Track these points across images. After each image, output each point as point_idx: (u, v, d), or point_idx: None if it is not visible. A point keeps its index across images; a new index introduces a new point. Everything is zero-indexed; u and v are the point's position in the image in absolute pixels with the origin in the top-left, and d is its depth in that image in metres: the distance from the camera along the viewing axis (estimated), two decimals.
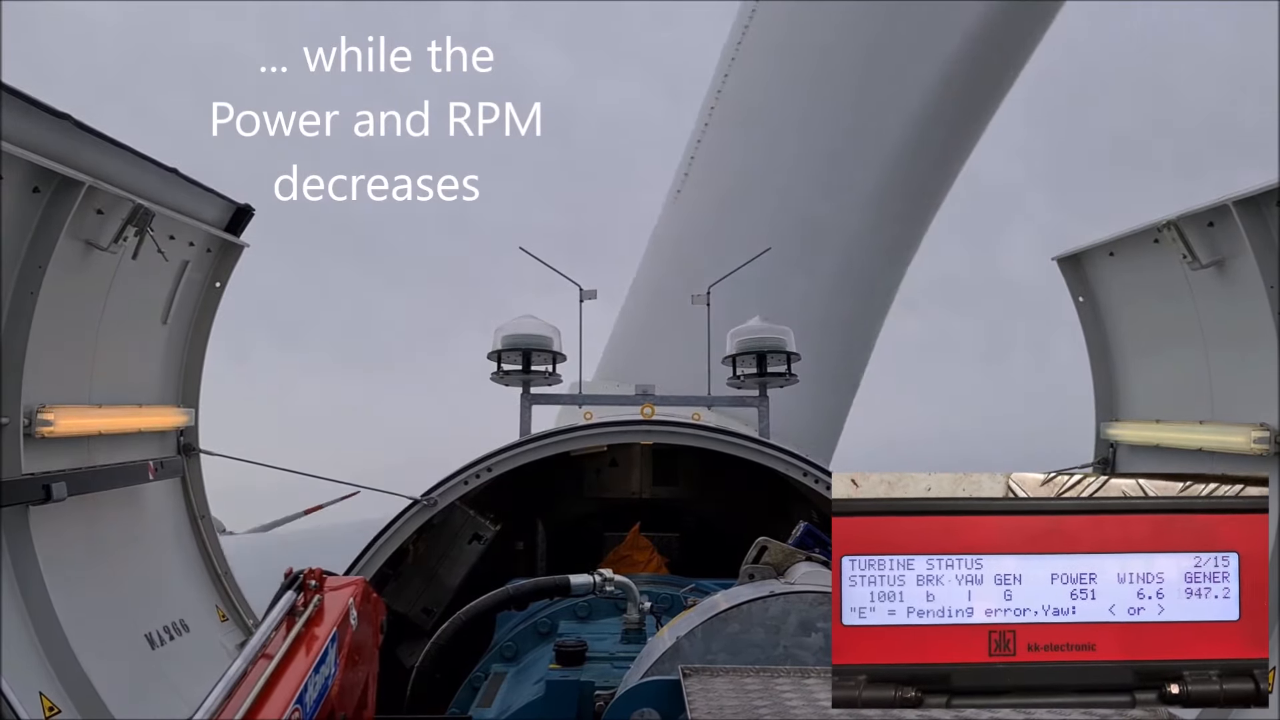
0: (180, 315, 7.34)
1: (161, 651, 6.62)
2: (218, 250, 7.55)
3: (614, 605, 6.93)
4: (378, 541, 8.00)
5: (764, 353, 9.50)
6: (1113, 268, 7.20)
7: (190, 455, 7.73)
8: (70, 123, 5.44)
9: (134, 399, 6.89)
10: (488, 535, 9.16)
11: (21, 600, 5.51)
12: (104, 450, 6.45)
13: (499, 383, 9.63)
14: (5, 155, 5.01)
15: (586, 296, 9.69)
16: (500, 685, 6.16)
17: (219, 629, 7.69)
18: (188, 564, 7.73)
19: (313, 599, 4.00)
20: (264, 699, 3.19)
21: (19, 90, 5.01)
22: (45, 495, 5.53)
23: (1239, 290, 5.77)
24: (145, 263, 6.35)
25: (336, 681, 3.94)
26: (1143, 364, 7.24)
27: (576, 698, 5.00)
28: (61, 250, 5.56)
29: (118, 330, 6.51)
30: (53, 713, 5.42)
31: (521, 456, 8.26)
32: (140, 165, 6.20)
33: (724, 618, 4.56)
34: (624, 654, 5.83)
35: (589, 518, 10.92)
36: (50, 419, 5.70)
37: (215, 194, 7.19)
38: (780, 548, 5.56)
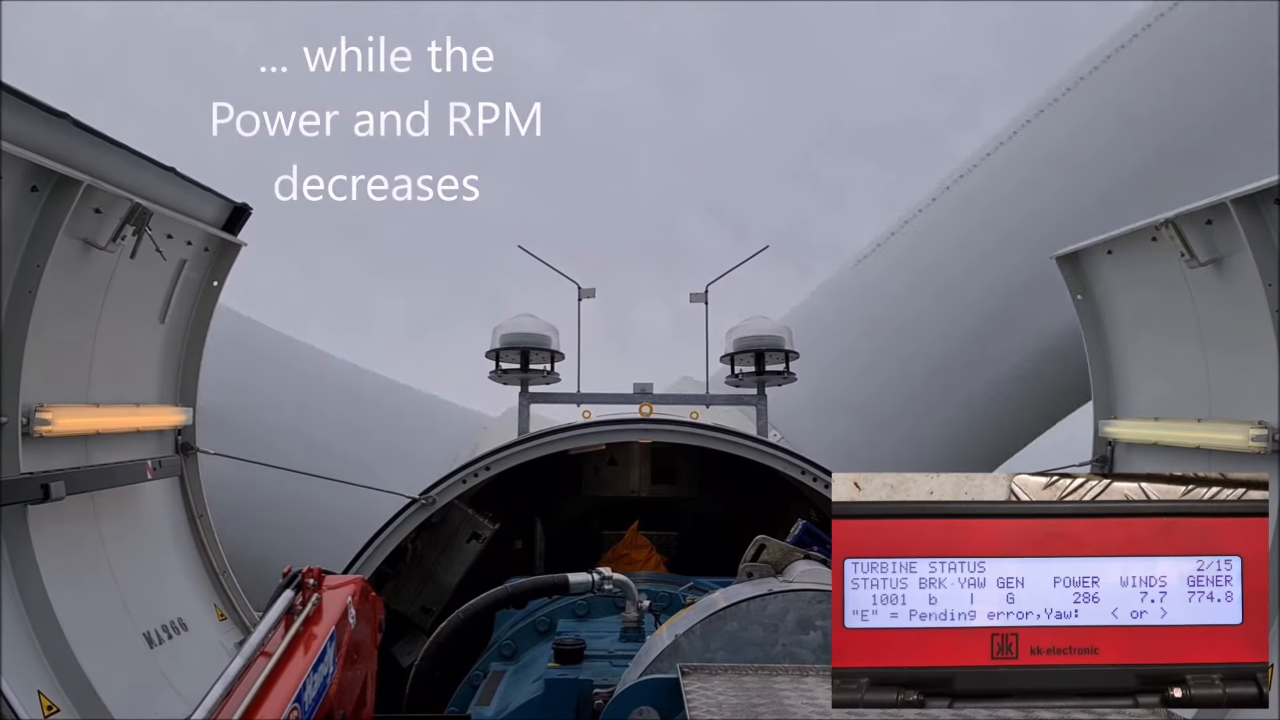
0: (178, 314, 7.32)
1: (160, 650, 6.61)
2: (216, 249, 7.53)
3: (612, 604, 6.93)
4: (376, 540, 8.00)
5: (762, 351, 9.50)
6: (1111, 266, 7.21)
7: (188, 454, 7.72)
8: (68, 121, 5.42)
9: (132, 398, 6.88)
10: (486, 534, 9.17)
11: (20, 599, 5.50)
12: (102, 449, 6.44)
13: (497, 381, 9.63)
14: (4, 154, 4.99)
15: (585, 295, 9.68)
16: (499, 683, 6.17)
17: (217, 628, 7.68)
18: (186, 563, 7.72)
19: (311, 597, 4.00)
20: (262, 698, 3.19)
21: (17, 89, 5.00)
22: (44, 494, 5.51)
23: (1237, 288, 5.77)
24: (143, 262, 6.33)
25: (335, 680, 3.94)
26: (1141, 362, 7.24)
27: (575, 696, 5.00)
28: (60, 249, 5.54)
29: (116, 329, 6.49)
30: (51, 712, 5.41)
31: (520, 455, 8.27)
32: (138, 164, 6.18)
33: (722, 616, 4.56)
34: (622, 652, 5.84)
35: (587, 516, 10.93)
36: (48, 418, 5.68)
37: (213, 193, 7.18)
38: (779, 546, 5.56)
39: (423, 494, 8.12)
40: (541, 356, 9.47)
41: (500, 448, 8.37)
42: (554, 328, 9.49)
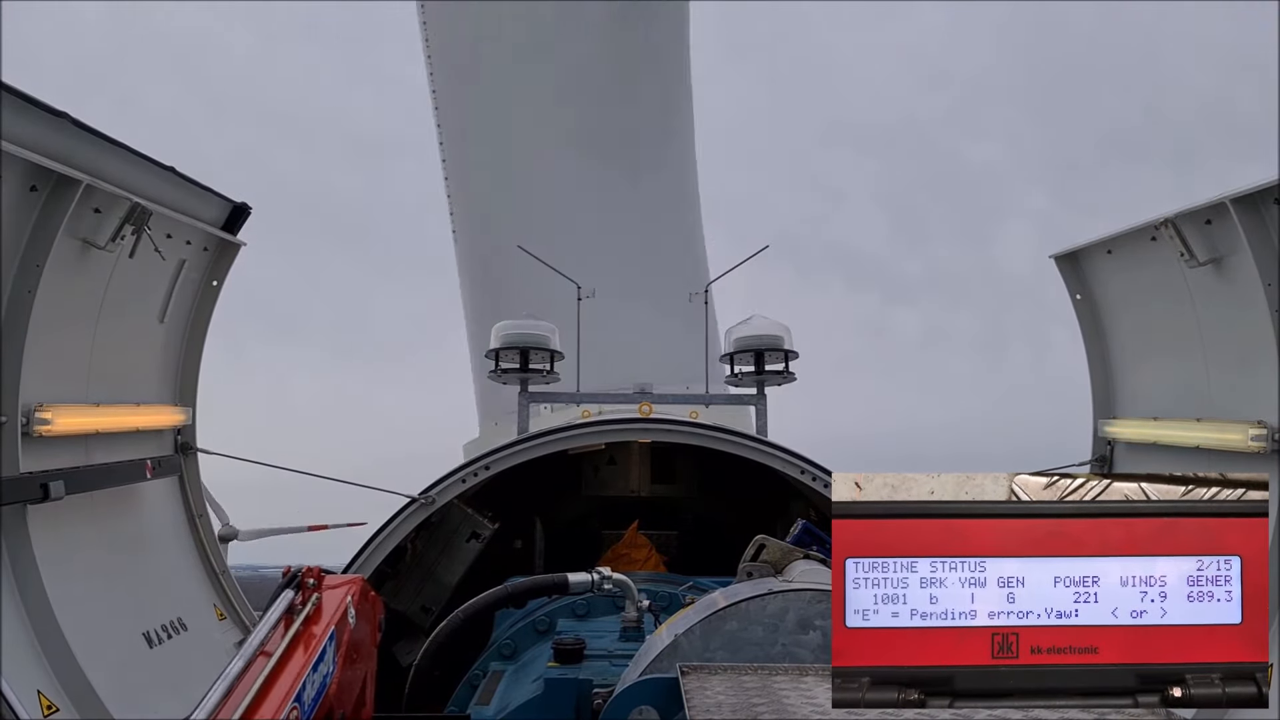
0: (177, 314, 7.33)
1: (159, 650, 6.62)
2: (215, 249, 7.53)
3: (612, 603, 6.94)
4: (376, 539, 8.01)
5: (762, 351, 9.51)
6: (1110, 266, 7.21)
7: (188, 454, 7.73)
8: (68, 121, 5.43)
9: (131, 398, 6.88)
10: (486, 533, 9.18)
11: (19, 599, 5.50)
12: (102, 449, 6.45)
13: (496, 381, 9.63)
14: (3, 154, 5.00)
15: (584, 295, 9.69)
16: (498, 683, 6.17)
17: (217, 628, 7.68)
18: (186, 563, 7.73)
19: (311, 597, 4.00)
20: (262, 697, 3.19)
21: (17, 89, 5.00)
22: (43, 494, 5.52)
23: (1237, 288, 5.78)
24: (143, 261, 6.34)
25: (335, 680, 3.94)
26: (1140, 362, 7.25)
27: (575, 696, 4.99)
28: (59, 249, 5.55)
29: (115, 329, 6.50)
30: (51, 711, 5.41)
31: (519, 454, 8.27)
32: (138, 164, 6.19)
33: (722, 615, 4.56)
34: (622, 652, 5.84)
35: (587, 516, 10.93)
36: (48, 418, 5.69)
37: (213, 193, 7.18)
38: (778, 545, 5.56)
39: (422, 493, 8.13)
40: (541, 356, 9.47)
41: (500, 447, 8.38)
42: (553, 327, 9.49)
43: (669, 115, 14.47)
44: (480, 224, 14.67)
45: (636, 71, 13.94)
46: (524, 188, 13.99)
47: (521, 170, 13.99)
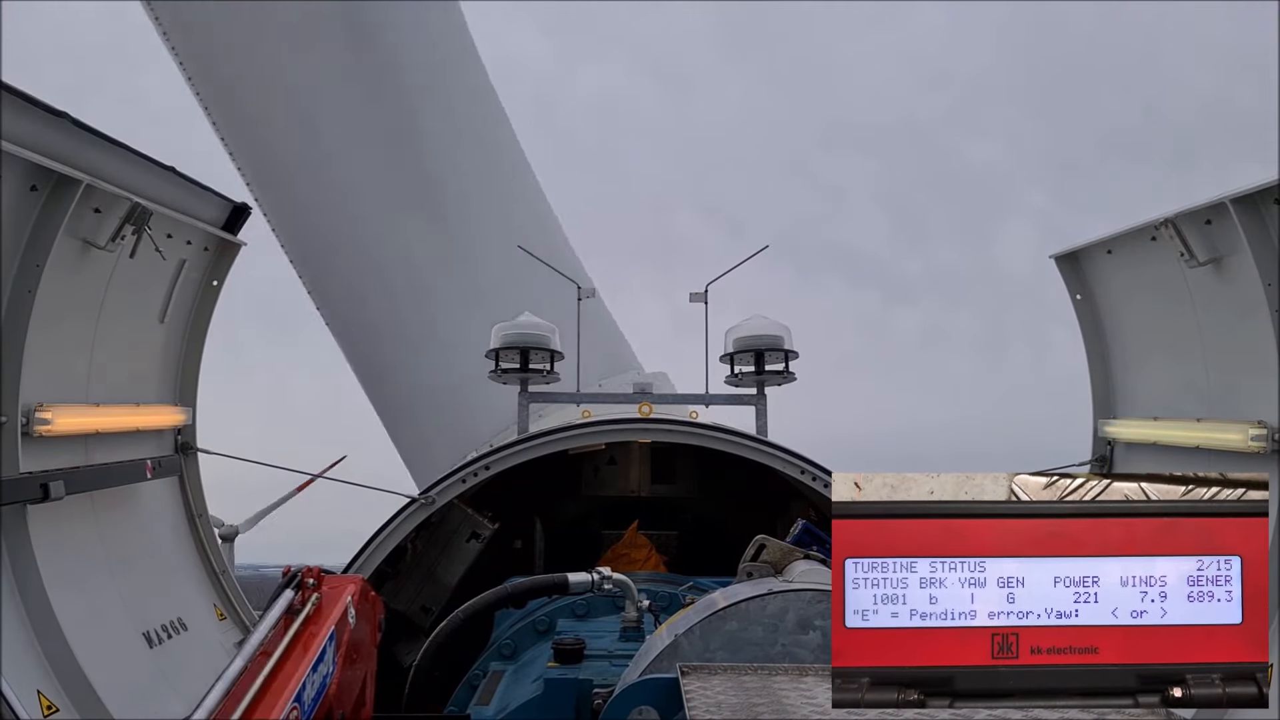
0: (178, 314, 7.33)
1: (160, 650, 6.62)
2: (215, 249, 7.53)
3: (612, 603, 6.93)
4: (376, 539, 8.01)
5: (762, 350, 9.49)
6: (1110, 266, 7.21)
7: (188, 454, 7.73)
8: (68, 121, 5.43)
9: (132, 398, 6.88)
10: (486, 533, 9.17)
11: (19, 599, 5.50)
12: (102, 449, 6.44)
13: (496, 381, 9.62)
14: (3, 154, 5.00)
15: (584, 295, 9.68)
16: (498, 683, 6.17)
17: (217, 627, 7.69)
18: (186, 562, 7.73)
19: (311, 597, 4.00)
20: (262, 697, 3.19)
21: (17, 89, 5.00)
22: (43, 494, 5.52)
23: (1237, 288, 5.77)
24: (143, 261, 6.34)
25: (335, 680, 3.95)
26: (1140, 362, 7.25)
27: (574, 696, 4.99)
28: (59, 249, 5.55)
29: (115, 329, 6.50)
30: (51, 711, 5.41)
31: (519, 455, 8.26)
32: (138, 164, 6.19)
33: (722, 615, 4.56)
34: (622, 652, 5.84)
35: (587, 516, 10.92)
36: (48, 417, 5.69)
37: (213, 192, 7.18)
38: (778, 545, 5.56)
39: (422, 493, 8.13)
40: (541, 356, 9.45)
41: (500, 447, 8.37)
42: (553, 326, 9.47)
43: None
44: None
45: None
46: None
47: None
